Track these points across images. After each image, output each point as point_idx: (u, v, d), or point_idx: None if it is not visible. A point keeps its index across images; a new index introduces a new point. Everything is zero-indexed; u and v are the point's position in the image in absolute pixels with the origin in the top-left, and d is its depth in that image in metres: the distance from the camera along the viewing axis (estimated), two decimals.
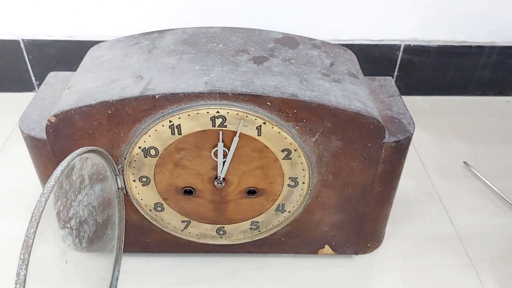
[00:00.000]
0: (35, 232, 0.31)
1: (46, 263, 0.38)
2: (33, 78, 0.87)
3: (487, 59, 0.85)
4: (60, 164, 0.35)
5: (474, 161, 0.74)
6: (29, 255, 0.31)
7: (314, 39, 0.54)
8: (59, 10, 0.80)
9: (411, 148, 0.76)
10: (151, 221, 0.52)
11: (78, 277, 0.45)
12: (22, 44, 0.83)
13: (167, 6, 0.79)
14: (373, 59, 0.85)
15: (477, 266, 0.57)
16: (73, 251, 0.45)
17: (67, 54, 0.84)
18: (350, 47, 0.83)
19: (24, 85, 0.88)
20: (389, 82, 0.57)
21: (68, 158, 0.36)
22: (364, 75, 0.58)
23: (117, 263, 0.49)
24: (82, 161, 0.41)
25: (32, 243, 0.31)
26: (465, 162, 0.73)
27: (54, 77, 0.57)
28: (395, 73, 0.87)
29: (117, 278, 0.49)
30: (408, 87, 0.89)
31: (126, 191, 0.49)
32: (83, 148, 0.39)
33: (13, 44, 0.83)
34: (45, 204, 0.32)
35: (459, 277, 0.55)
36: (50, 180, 0.33)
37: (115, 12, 0.80)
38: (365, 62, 0.85)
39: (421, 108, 0.88)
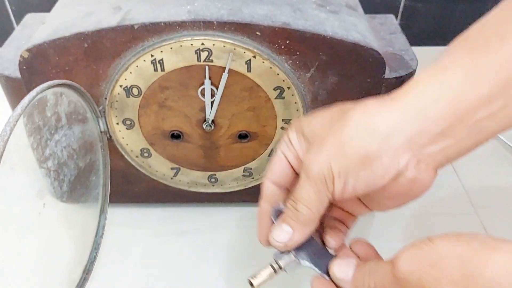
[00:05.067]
0: None
1: (20, 203, 0.36)
2: (14, 24, 0.83)
3: (494, 4, 0.80)
4: (29, 94, 0.32)
5: None
6: None
7: None
8: None
9: None
10: (138, 168, 0.49)
11: (59, 222, 0.43)
12: None
13: None
14: (374, 4, 0.80)
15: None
16: (55, 200, 0.42)
17: None
18: None
19: (3, 29, 0.83)
20: (391, 19, 0.54)
21: (37, 88, 0.33)
22: None
23: (103, 211, 0.47)
24: (56, 96, 0.38)
25: None
26: None
27: (31, 18, 0.53)
28: (398, 22, 0.82)
29: (104, 226, 0.46)
30: (410, 36, 0.85)
31: (110, 135, 0.46)
32: (55, 81, 0.35)
33: None
34: (10, 133, 0.29)
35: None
36: (16, 109, 0.30)
37: None
38: (365, 8, 0.80)
39: (425, 60, 0.83)
